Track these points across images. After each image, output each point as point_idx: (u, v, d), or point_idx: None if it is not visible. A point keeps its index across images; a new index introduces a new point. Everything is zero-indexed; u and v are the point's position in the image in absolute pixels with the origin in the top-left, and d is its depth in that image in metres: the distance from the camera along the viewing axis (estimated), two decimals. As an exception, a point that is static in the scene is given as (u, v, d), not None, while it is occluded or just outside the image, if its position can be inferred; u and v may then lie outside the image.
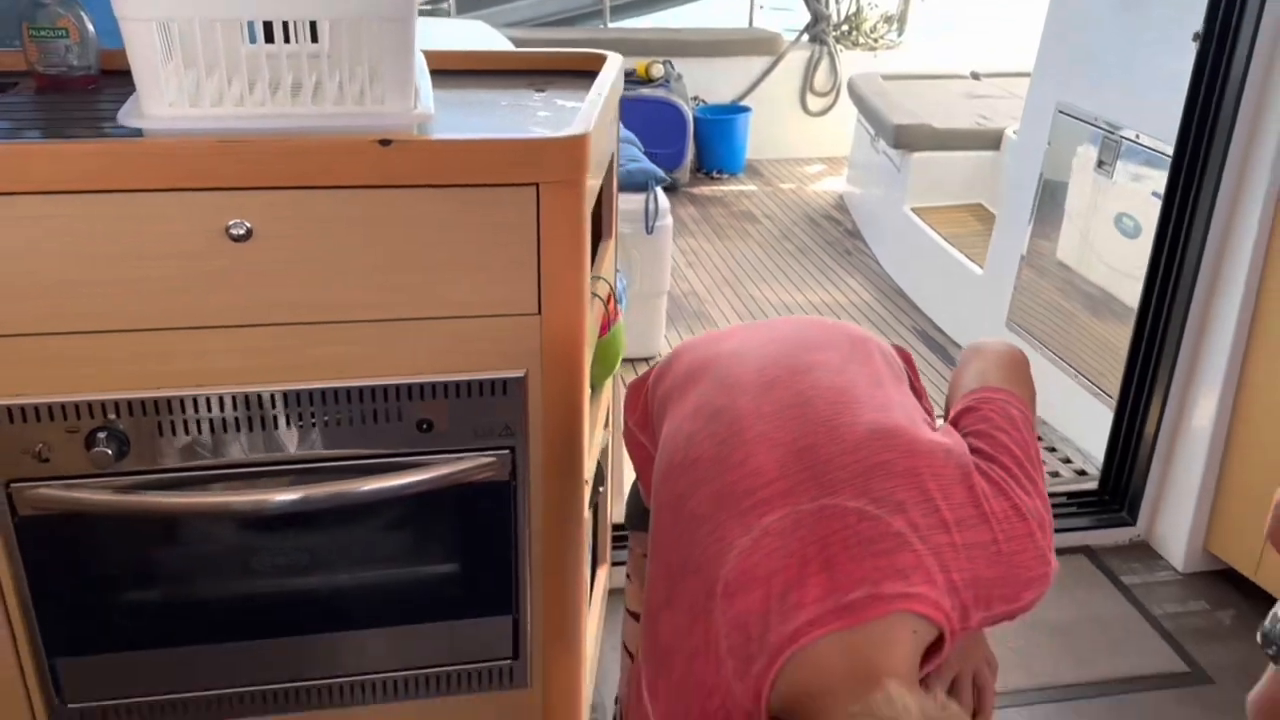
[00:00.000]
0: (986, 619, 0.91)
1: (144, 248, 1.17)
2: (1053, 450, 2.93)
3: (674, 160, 5.48)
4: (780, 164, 6.17)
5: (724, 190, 5.71)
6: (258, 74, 1.18)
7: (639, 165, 3.37)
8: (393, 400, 1.30)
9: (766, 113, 6.03)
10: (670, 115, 5.38)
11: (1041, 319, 3.24)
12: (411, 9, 1.19)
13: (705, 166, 5.92)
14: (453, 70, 1.55)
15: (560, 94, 1.49)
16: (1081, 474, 2.78)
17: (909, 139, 4.28)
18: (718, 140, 5.86)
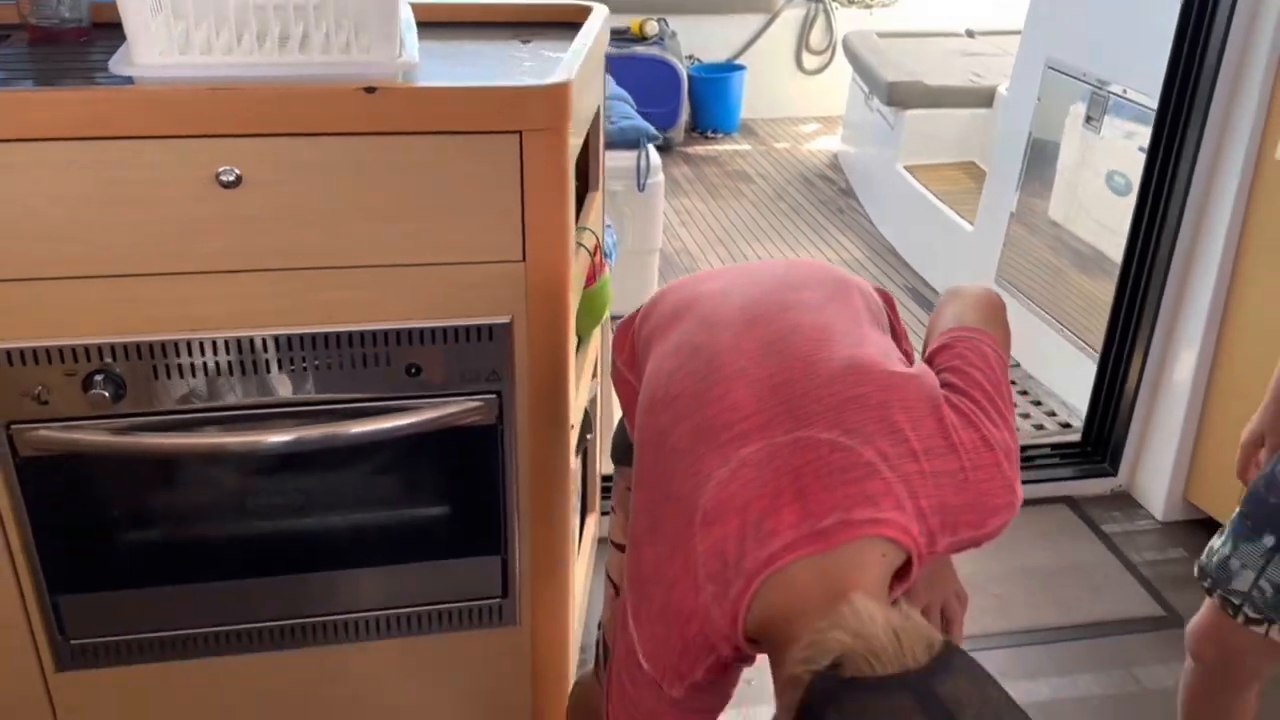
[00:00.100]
0: (953, 544, 0.95)
1: (136, 194, 1.20)
2: (1038, 404, 2.97)
3: (668, 119, 5.47)
4: (775, 123, 6.16)
5: (718, 150, 5.70)
6: (246, 24, 1.20)
7: (631, 122, 3.38)
8: (381, 345, 1.33)
9: (762, 71, 6.00)
10: (664, 74, 5.36)
11: (1031, 275, 3.26)
12: (396, -41, 1.21)
13: (699, 126, 5.91)
14: (440, 22, 1.56)
15: (546, 45, 1.51)
16: (1066, 427, 2.83)
17: (902, 96, 4.28)
18: (712, 99, 5.84)
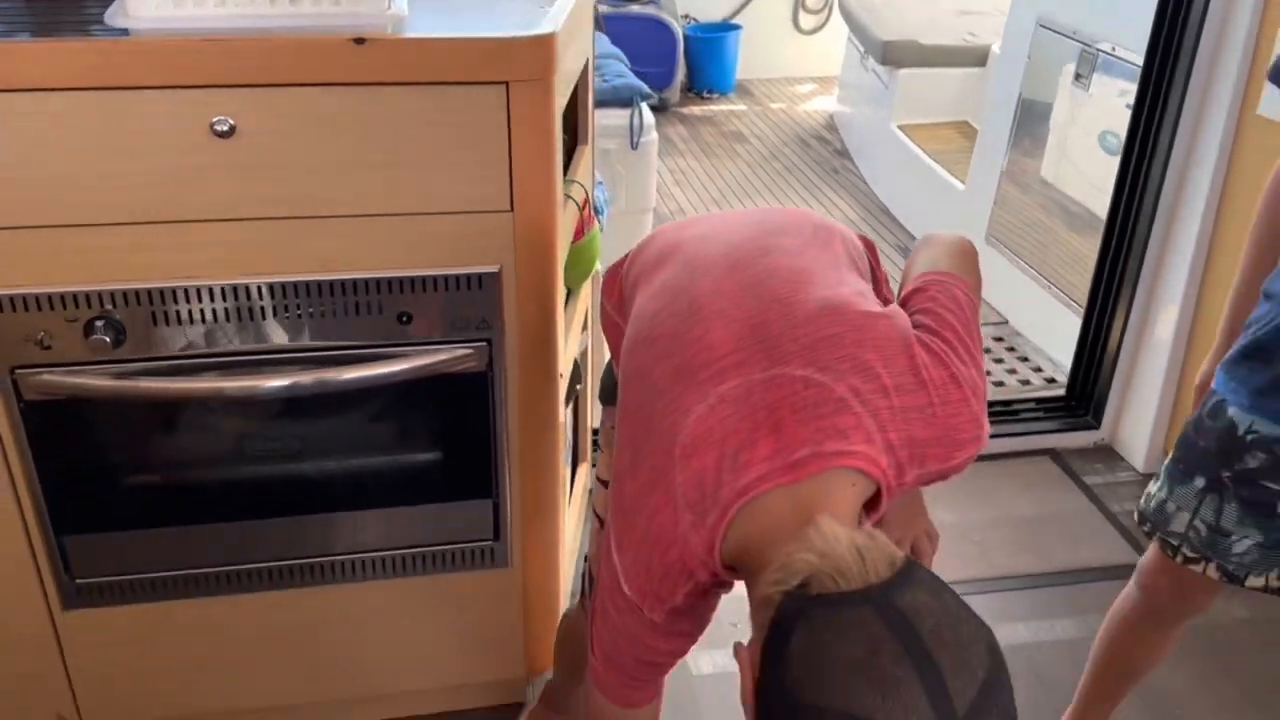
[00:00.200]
0: (921, 477, 0.99)
1: (133, 144, 1.23)
2: (1025, 360, 3.01)
3: (663, 79, 5.46)
4: (771, 83, 6.15)
5: (714, 110, 5.70)
6: (237, -24, 1.22)
7: (624, 80, 3.39)
8: (373, 293, 1.37)
9: (758, 31, 5.98)
10: (659, 33, 5.35)
11: (1021, 234, 3.29)
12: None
13: (695, 86, 5.90)
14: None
15: (534, -1, 1.53)
16: (1051, 382, 2.87)
17: (896, 55, 4.28)
18: (708, 59, 5.83)
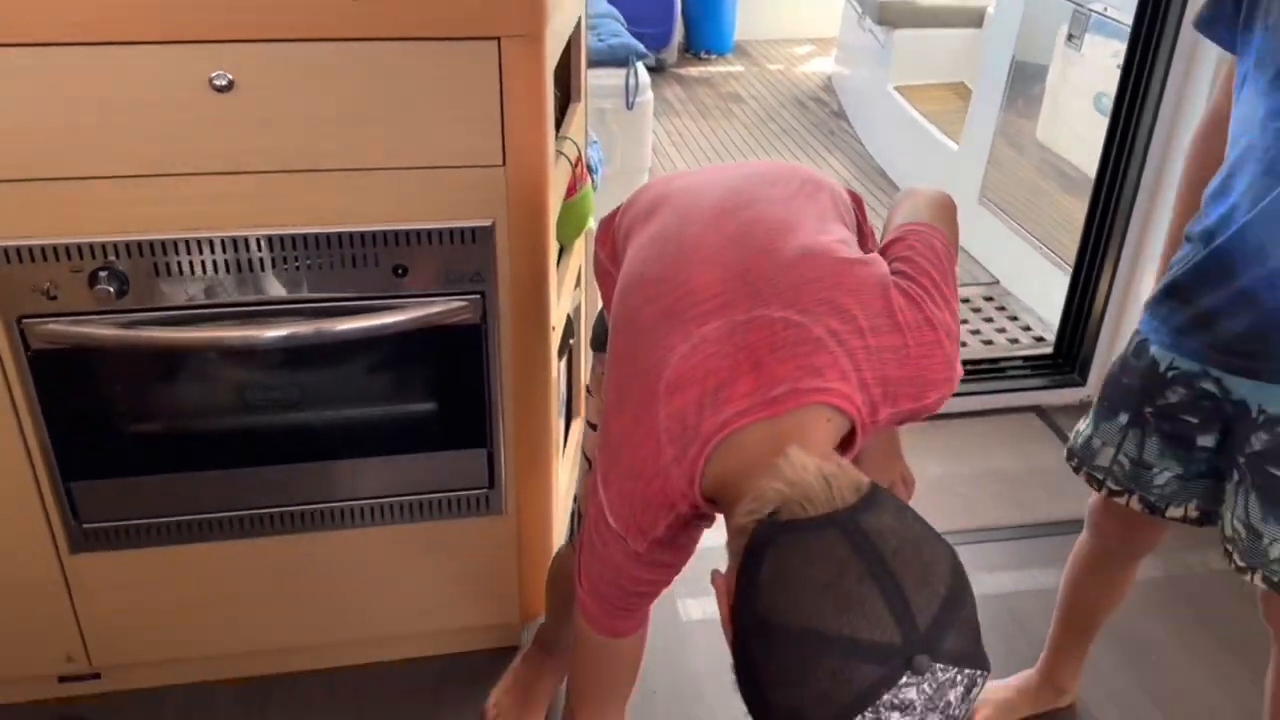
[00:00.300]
0: (894, 415, 1.04)
1: (134, 99, 1.26)
2: (1014, 319, 3.05)
3: (661, 40, 5.45)
4: (770, 44, 6.14)
5: (711, 71, 5.70)
6: (233, -68, 1.25)
7: (620, 40, 3.39)
8: (369, 246, 1.40)
9: (757, -9, 5.98)
10: (657, -7, 5.34)
11: (1013, 195, 3.31)
12: None
13: (693, 47, 5.89)
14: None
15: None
16: (1040, 340, 2.91)
17: (893, 15, 4.28)
18: (706, 20, 5.81)
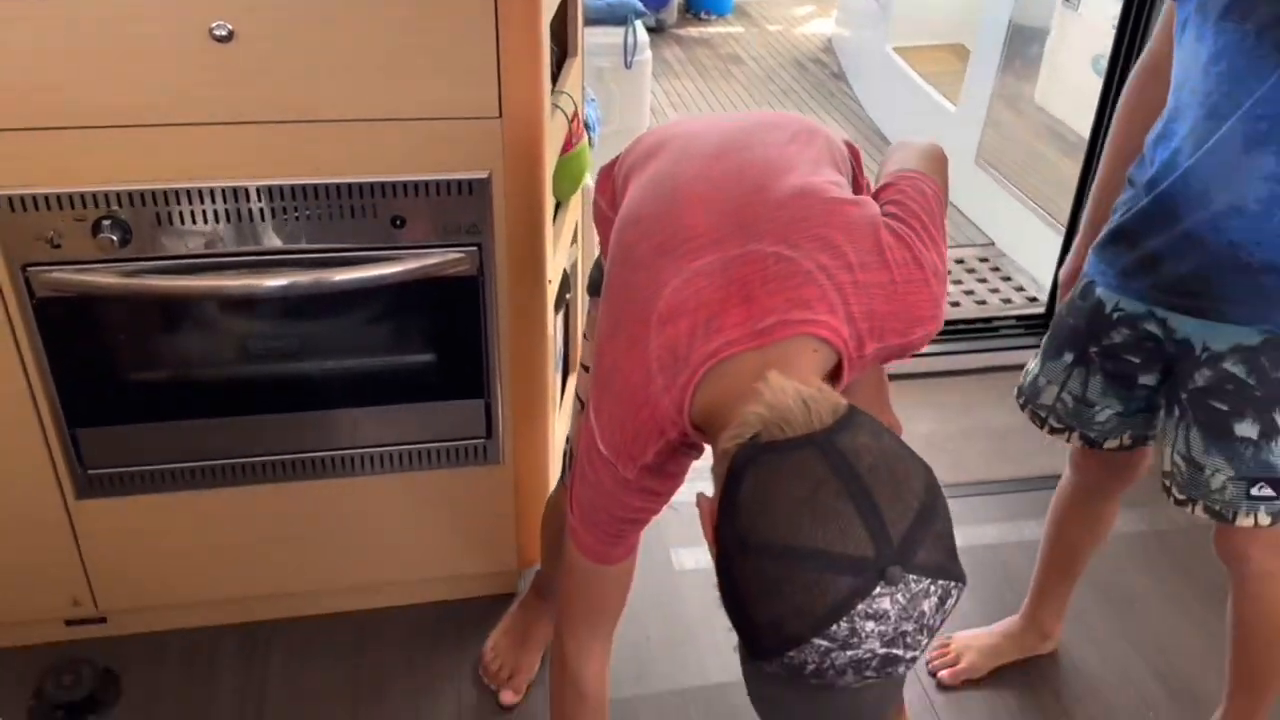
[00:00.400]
0: (880, 351, 1.07)
1: (135, 48, 1.28)
2: (1008, 280, 3.08)
3: (660, 0, 5.43)
4: (770, 5, 6.10)
5: (711, 32, 5.67)
6: (231, -117, 1.26)
7: (619, -1, 3.39)
8: (367, 197, 1.43)
9: (757, -50, 5.93)
10: (657, -48, 5.30)
11: (1010, 157, 3.32)
12: None
13: (693, 8, 5.86)
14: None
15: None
16: (1033, 300, 2.94)
17: (893, -25, 4.27)
18: (706, -20, 5.79)
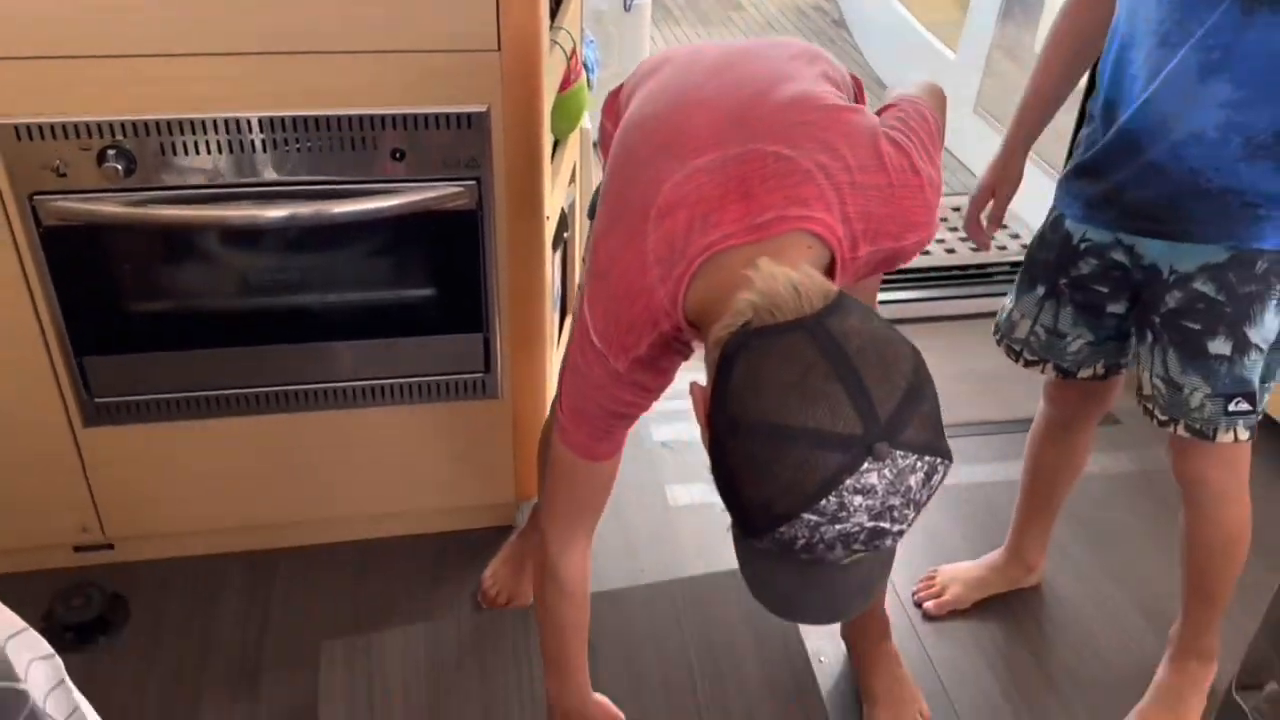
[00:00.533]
0: (873, 253, 1.09)
1: (135, -23, 1.29)
2: (1004, 227, 3.08)
3: (661, -54, 5.36)
4: (771, -47, 6.03)
5: (712, -21, 5.62)
6: None
7: (618, -58, 3.37)
8: (366, 129, 1.44)
9: (758, -104, 5.84)
10: (657, -103, 5.23)
11: (1009, 106, 3.29)
12: None
13: (694, -46, 5.79)
14: None
15: None
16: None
17: (895, -80, 4.22)
18: (707, -74, 5.71)
